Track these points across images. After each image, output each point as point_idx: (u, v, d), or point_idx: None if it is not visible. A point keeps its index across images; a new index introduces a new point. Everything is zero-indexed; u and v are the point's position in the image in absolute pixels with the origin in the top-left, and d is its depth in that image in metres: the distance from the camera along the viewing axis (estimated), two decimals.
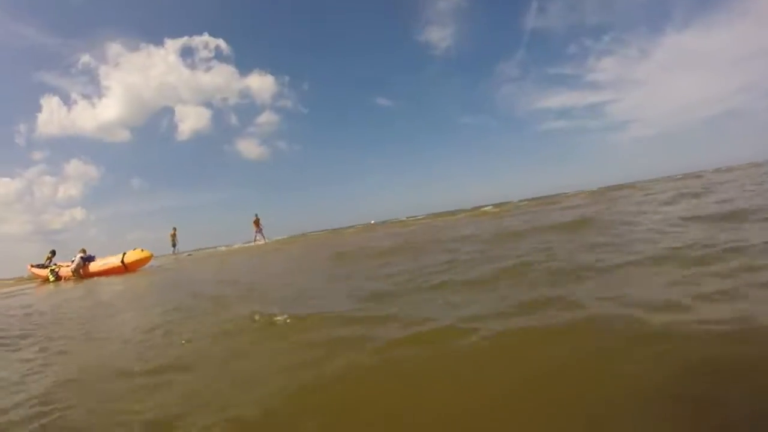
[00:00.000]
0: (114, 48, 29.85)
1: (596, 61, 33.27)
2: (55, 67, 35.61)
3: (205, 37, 30.31)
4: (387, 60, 36.11)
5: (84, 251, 11.13)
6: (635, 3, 31.72)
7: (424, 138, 38.87)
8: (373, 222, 22.29)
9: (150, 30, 34.68)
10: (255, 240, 18.70)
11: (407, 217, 22.82)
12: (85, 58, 29.10)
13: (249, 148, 32.93)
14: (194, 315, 3.16)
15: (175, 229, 18.05)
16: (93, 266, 11.00)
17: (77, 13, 32.58)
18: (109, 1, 33.63)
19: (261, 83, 31.80)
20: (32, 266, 12.40)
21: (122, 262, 10.67)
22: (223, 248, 18.97)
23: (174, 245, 17.97)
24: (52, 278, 11.44)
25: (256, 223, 18.75)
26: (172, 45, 30.65)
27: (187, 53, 32.22)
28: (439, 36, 33.71)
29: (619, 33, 32.20)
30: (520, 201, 22.27)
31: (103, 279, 9.56)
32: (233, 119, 32.12)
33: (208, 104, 31.98)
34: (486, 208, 18.36)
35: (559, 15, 32.35)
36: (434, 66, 34.54)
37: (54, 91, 31.17)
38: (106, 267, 10.85)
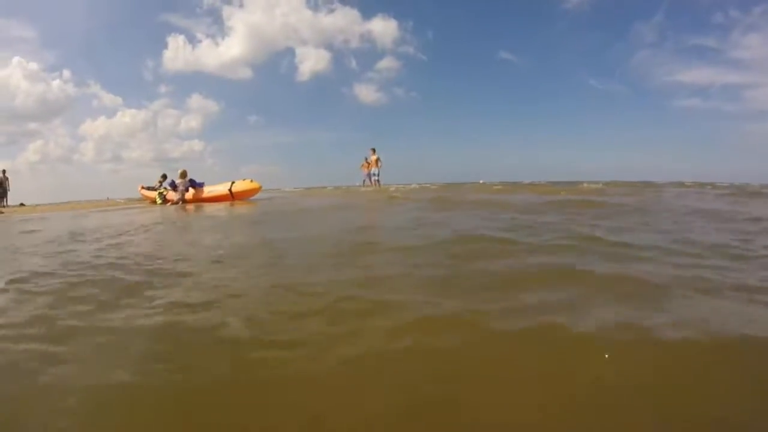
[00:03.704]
0: None
1: (741, 36, 26.44)
2: (181, 9, 36.77)
3: None
4: (514, 9, 31.80)
5: (184, 174, 10.36)
6: None
7: (546, 98, 34.42)
8: (482, 182, 20.08)
9: None
10: (365, 183, 15.04)
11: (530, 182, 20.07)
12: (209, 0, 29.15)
13: (366, 92, 31.82)
14: None
15: (373, 150, 14.52)
16: (200, 192, 10.43)
17: None
18: None
19: (384, 28, 29.70)
20: (143, 187, 12.33)
21: (230, 190, 9.93)
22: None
23: (371, 175, 14.51)
24: (159, 201, 11.15)
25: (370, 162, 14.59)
26: None
27: None
28: None
29: None
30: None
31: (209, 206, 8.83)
32: (353, 63, 30.91)
33: (329, 46, 31.05)
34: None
35: None
36: (564, 20, 29.82)
37: (179, 30, 32.38)
38: (212, 194, 10.21)
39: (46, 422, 0.96)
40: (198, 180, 10.60)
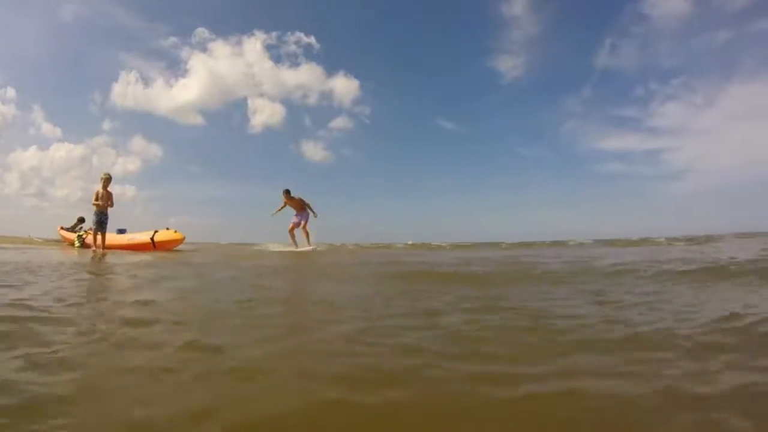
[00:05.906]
0: (200, 33, 29.06)
1: (659, 106, 32.29)
2: (137, 48, 35.16)
3: (297, 34, 29.58)
4: (456, 83, 35.90)
5: (108, 180, 9.54)
6: (710, 46, 30.06)
7: (481, 165, 37.87)
8: (410, 242, 21.55)
9: (240, 21, 34.66)
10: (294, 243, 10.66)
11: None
12: (170, 41, 28.50)
13: (314, 150, 31.53)
14: None
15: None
16: (121, 239, 10.58)
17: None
18: None
19: (346, 86, 29.81)
20: (62, 228, 12.23)
21: (152, 239, 10.25)
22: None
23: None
24: (77, 243, 11.23)
25: (291, 202, 10.57)
26: (261, 37, 29.63)
27: (274, 47, 30.79)
28: (510, 64, 33.73)
29: (688, 78, 30.83)
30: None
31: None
32: (307, 120, 30.69)
33: (286, 101, 30.44)
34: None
35: (631, 55, 31.85)
36: (501, 94, 34.47)
37: (134, 68, 30.61)
38: (133, 242, 10.47)
39: None
40: (120, 226, 10.90)
